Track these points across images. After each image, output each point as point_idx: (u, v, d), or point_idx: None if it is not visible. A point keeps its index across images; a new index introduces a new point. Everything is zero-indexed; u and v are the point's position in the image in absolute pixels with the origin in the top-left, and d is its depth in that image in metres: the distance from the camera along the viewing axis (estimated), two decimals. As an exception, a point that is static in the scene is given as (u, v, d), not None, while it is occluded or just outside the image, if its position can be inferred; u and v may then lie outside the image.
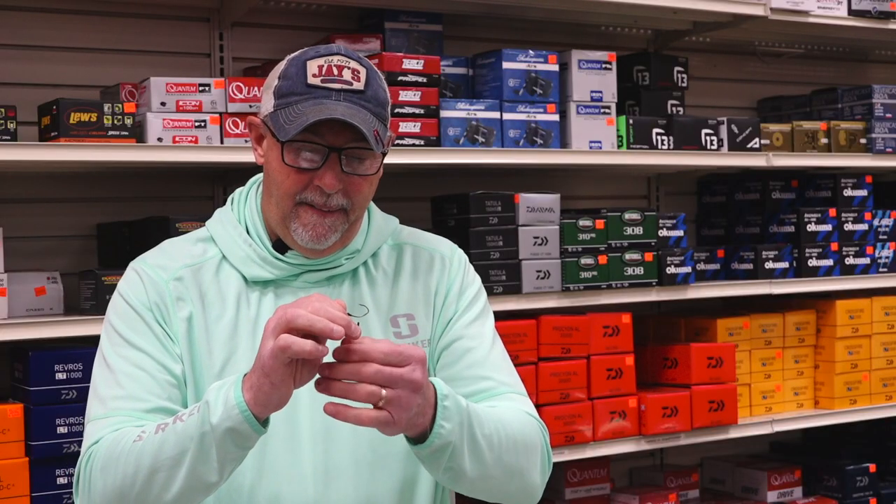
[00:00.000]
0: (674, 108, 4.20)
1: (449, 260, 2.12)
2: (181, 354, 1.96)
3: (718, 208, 4.71)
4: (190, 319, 1.97)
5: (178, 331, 1.96)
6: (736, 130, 4.18)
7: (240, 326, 1.98)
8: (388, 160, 2.09)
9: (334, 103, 1.89)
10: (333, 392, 1.72)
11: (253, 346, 1.95)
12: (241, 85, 3.32)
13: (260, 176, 2.08)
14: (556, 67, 3.83)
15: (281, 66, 1.98)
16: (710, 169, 4.43)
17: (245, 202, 2.07)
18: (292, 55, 1.98)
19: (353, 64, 1.93)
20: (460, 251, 2.16)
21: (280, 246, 2.02)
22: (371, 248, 2.06)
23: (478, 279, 2.15)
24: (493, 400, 2.00)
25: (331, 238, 1.96)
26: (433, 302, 2.08)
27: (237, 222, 2.04)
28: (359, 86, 1.91)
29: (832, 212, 4.43)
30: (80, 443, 2.57)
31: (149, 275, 1.99)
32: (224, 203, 2.12)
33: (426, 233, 2.18)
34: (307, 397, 1.90)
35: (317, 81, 1.90)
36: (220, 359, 1.96)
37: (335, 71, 1.91)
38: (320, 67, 1.92)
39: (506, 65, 3.74)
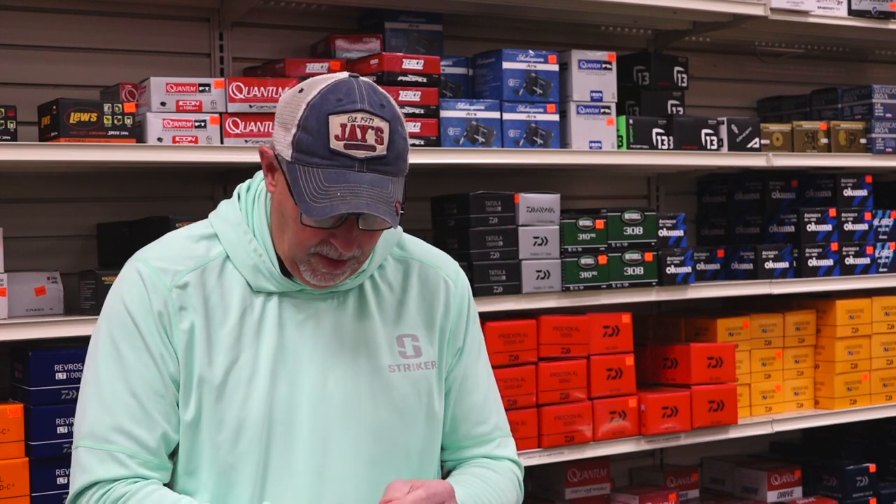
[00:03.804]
0: (674, 108, 4.20)
1: (454, 283, 2.14)
2: (178, 368, 1.94)
3: (718, 208, 4.71)
4: (191, 331, 1.95)
5: (178, 343, 1.94)
6: (736, 130, 4.18)
7: (244, 332, 1.97)
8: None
9: (358, 175, 1.83)
10: None
11: (256, 352, 1.95)
12: (241, 85, 3.32)
13: None
14: (556, 67, 3.83)
15: (300, 108, 1.87)
16: (710, 169, 4.43)
17: (254, 207, 2.02)
18: (312, 100, 1.87)
19: (377, 121, 1.85)
20: (462, 272, 2.19)
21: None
22: (377, 262, 2.05)
23: (473, 301, 2.20)
24: (487, 446, 2.17)
25: (340, 280, 1.96)
26: (437, 326, 2.10)
27: (246, 226, 2.01)
28: (382, 149, 1.85)
29: (832, 212, 4.43)
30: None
31: (152, 280, 1.95)
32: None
33: (428, 245, 2.18)
34: (307, 430, 1.95)
35: (339, 146, 1.83)
36: (223, 367, 1.95)
37: (359, 133, 1.84)
38: (343, 127, 1.83)
39: (506, 65, 3.74)
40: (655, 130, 4.02)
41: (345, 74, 1.91)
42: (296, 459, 1.96)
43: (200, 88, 3.27)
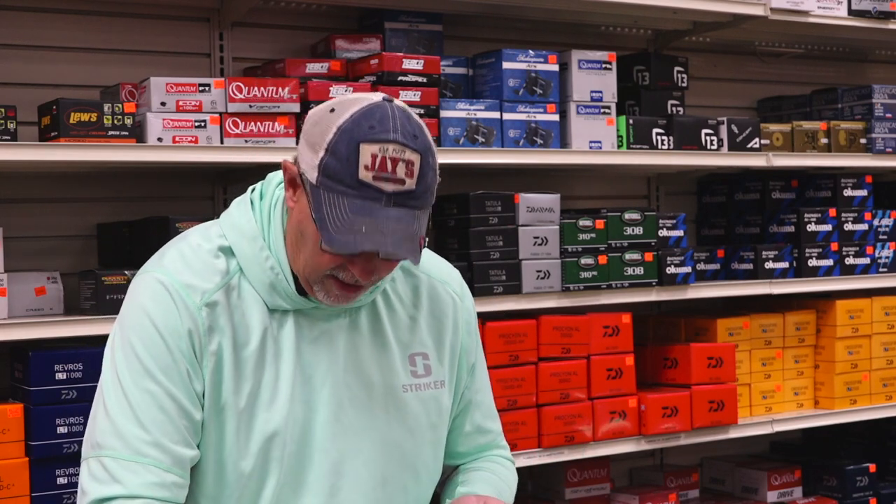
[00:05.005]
0: (674, 108, 4.20)
1: (460, 298, 2.13)
2: (204, 389, 1.89)
3: (718, 208, 4.72)
4: (219, 353, 1.89)
5: (206, 365, 1.88)
6: (736, 130, 4.18)
7: (265, 353, 1.93)
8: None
9: (384, 210, 1.78)
10: None
11: (276, 373, 1.92)
12: (241, 85, 3.32)
13: (281, 181, 1.97)
14: (556, 67, 3.83)
15: (330, 131, 1.80)
16: (710, 169, 4.43)
17: (270, 220, 1.95)
18: (344, 124, 1.80)
19: (409, 154, 1.79)
20: (466, 286, 2.18)
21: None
22: (390, 277, 2.03)
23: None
24: (492, 451, 2.23)
25: (354, 300, 1.93)
26: (446, 344, 2.09)
27: (262, 241, 1.94)
28: (411, 183, 1.79)
29: (832, 212, 4.43)
30: (80, 443, 2.47)
31: (181, 297, 1.88)
32: (224, 202, 2.07)
33: (432, 254, 2.17)
34: (322, 450, 1.94)
35: (368, 177, 1.77)
36: (246, 392, 1.91)
37: (389, 165, 1.78)
38: (374, 157, 1.77)
39: (506, 65, 3.74)
40: (655, 130, 4.02)
41: (379, 97, 1.85)
42: (310, 479, 1.94)
43: (200, 88, 3.27)
